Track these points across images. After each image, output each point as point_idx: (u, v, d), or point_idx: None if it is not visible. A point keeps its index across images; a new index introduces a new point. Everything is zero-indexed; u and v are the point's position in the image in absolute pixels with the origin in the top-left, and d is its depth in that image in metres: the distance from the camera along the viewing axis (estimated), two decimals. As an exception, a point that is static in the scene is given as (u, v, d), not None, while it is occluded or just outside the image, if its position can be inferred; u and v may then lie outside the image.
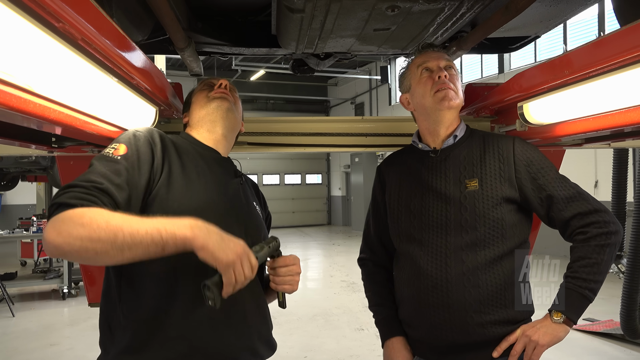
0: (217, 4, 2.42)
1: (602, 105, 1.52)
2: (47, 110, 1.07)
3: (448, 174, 1.77)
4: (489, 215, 1.66)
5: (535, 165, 1.69)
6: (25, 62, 0.92)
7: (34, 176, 10.68)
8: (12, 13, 0.81)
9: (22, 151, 2.07)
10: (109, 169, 1.33)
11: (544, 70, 1.62)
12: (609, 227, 1.58)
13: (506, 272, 1.66)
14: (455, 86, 1.79)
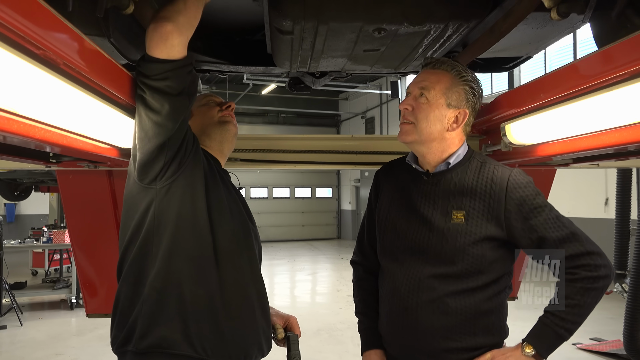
0: (215, 24, 2.49)
1: (580, 127, 1.56)
2: (44, 133, 1.16)
3: (437, 201, 1.73)
4: (469, 252, 1.64)
5: (528, 204, 1.61)
6: (19, 91, 0.98)
7: (47, 187, 10.83)
8: None
9: (22, 165, 2.15)
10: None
11: (521, 93, 1.67)
12: (599, 271, 1.54)
13: (477, 302, 1.65)
14: (417, 117, 1.70)
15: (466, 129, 1.77)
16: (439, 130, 1.70)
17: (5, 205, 17.77)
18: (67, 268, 10.39)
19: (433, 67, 1.76)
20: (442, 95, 1.69)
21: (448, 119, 1.70)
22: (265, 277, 1.78)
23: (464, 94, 1.70)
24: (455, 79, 1.71)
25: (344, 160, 2.35)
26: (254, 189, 22.42)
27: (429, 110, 1.69)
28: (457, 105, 1.70)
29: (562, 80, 1.45)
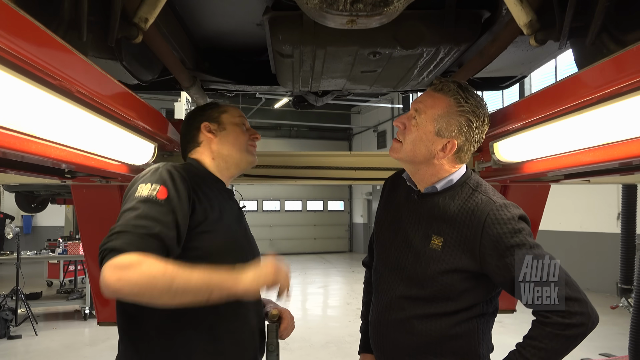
0: (222, 46, 2.63)
1: (562, 145, 1.65)
2: (59, 152, 1.30)
3: (421, 222, 1.70)
4: (438, 279, 1.61)
5: (504, 242, 1.51)
6: (38, 116, 1.11)
7: (63, 199, 11.04)
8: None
9: (40, 180, 2.28)
10: (156, 212, 1.40)
11: (507, 113, 1.76)
12: (572, 318, 1.44)
13: (444, 327, 1.62)
14: (405, 138, 1.68)
15: (462, 157, 1.68)
16: (424, 155, 1.65)
17: (22, 216, 18.08)
18: (81, 279, 10.56)
19: (435, 89, 1.66)
20: (432, 122, 1.62)
21: (435, 146, 1.63)
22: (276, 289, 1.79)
23: (457, 125, 1.60)
24: (452, 107, 1.60)
25: (345, 176, 2.44)
26: (266, 201, 22.55)
27: (416, 133, 1.65)
28: (446, 135, 1.61)
29: (541, 103, 1.54)
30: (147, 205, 1.41)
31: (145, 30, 1.59)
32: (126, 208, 1.42)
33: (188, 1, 2.04)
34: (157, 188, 1.45)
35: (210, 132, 1.80)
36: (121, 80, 2.40)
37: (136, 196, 1.44)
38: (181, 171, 1.58)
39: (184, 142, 1.86)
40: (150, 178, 1.50)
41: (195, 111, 1.87)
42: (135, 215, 1.38)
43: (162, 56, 2.06)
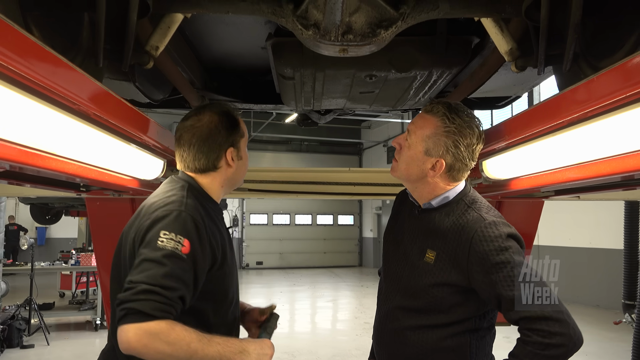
0: (229, 67, 2.78)
1: (546, 163, 1.75)
2: (76, 168, 1.44)
3: (419, 237, 1.76)
4: (429, 292, 1.66)
5: (490, 259, 1.54)
6: (57, 136, 1.25)
7: (77, 211, 11.25)
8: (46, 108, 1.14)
9: (57, 193, 2.43)
10: (180, 270, 1.40)
11: (492, 133, 1.87)
12: (552, 338, 1.44)
13: (435, 339, 1.67)
14: (400, 158, 1.77)
15: (455, 176, 1.72)
16: (417, 174, 1.72)
17: (36, 228, 18.37)
18: (93, 290, 10.72)
19: (425, 111, 1.73)
20: (421, 142, 1.68)
21: (425, 165, 1.69)
22: (285, 302, 1.81)
23: (444, 145, 1.65)
24: (439, 128, 1.66)
25: (344, 191, 2.56)
26: (276, 215, 22.67)
27: (408, 153, 1.72)
28: (434, 154, 1.67)
29: (521, 124, 1.66)
30: (172, 261, 1.39)
31: (156, 57, 1.73)
32: (151, 259, 1.39)
33: (197, 27, 2.19)
34: (181, 241, 1.42)
35: (232, 160, 1.70)
36: (133, 99, 2.57)
37: (159, 246, 1.40)
38: (202, 217, 1.54)
39: (199, 158, 1.67)
40: (174, 226, 1.45)
41: (221, 128, 1.67)
42: (163, 274, 1.37)
43: (172, 78, 2.21)
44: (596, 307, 10.90)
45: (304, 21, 1.50)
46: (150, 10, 1.48)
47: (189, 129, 1.65)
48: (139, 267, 1.39)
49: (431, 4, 1.56)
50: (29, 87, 1.07)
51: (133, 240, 1.50)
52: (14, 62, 0.96)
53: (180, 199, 1.54)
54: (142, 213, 1.55)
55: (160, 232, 1.42)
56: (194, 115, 1.68)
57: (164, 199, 1.55)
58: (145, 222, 1.48)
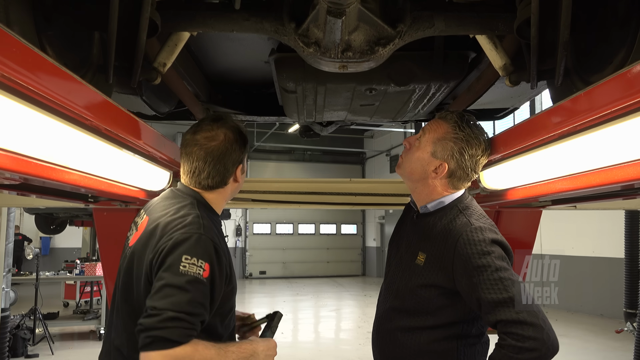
0: (233, 80, 2.86)
1: (540, 174, 1.81)
2: (86, 180, 1.49)
3: (413, 240, 1.84)
4: (417, 292, 1.72)
5: (472, 262, 1.59)
6: (69, 150, 1.31)
7: (81, 221, 11.31)
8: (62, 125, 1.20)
9: (63, 204, 2.49)
10: (201, 295, 1.44)
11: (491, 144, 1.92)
12: (525, 342, 1.47)
13: (422, 342, 1.72)
14: (406, 156, 1.85)
15: (455, 184, 1.79)
16: (419, 173, 1.80)
17: (40, 238, 18.45)
18: (96, 300, 10.77)
19: (439, 117, 1.82)
20: (430, 143, 1.76)
21: (429, 166, 1.77)
22: (289, 312, 1.90)
23: (450, 150, 1.73)
24: (449, 133, 1.74)
25: (345, 201, 2.61)
26: (279, 224, 22.71)
27: (416, 151, 1.80)
28: (439, 157, 1.75)
29: (515, 137, 1.72)
30: (194, 286, 1.42)
31: (164, 73, 1.80)
32: (174, 284, 1.41)
33: (202, 42, 2.27)
34: (202, 265, 1.45)
35: (239, 176, 1.73)
36: (140, 112, 2.64)
37: (182, 271, 1.42)
38: (218, 237, 1.58)
39: (213, 176, 1.67)
40: (195, 251, 1.46)
41: (236, 147, 1.68)
42: (187, 301, 1.40)
43: (178, 91, 2.28)
44: (600, 316, 10.89)
45: (306, 39, 1.57)
46: (159, 30, 1.55)
47: (203, 146, 1.63)
48: (161, 291, 1.40)
49: (427, 22, 1.63)
50: (45, 104, 1.14)
51: (151, 262, 1.50)
52: (30, 81, 1.03)
53: (197, 219, 1.54)
54: (158, 233, 1.54)
55: (182, 256, 1.44)
56: (207, 130, 1.65)
57: (180, 219, 1.55)
58: (164, 245, 1.48)
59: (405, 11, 1.61)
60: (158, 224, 1.56)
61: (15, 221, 7.67)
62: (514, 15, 1.61)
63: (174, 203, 1.64)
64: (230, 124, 1.69)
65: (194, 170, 1.66)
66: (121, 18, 1.45)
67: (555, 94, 1.90)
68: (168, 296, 1.39)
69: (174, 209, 1.61)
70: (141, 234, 1.61)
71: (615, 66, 1.59)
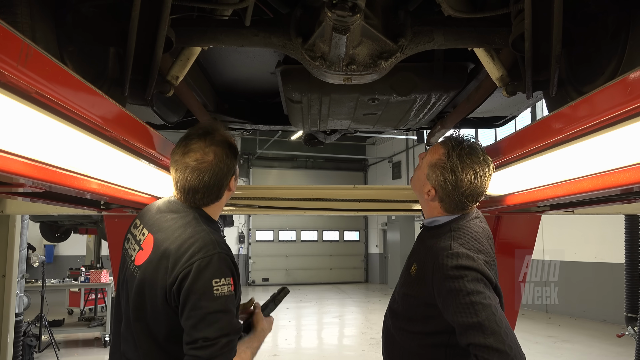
0: (240, 90, 2.94)
1: (537, 180, 1.88)
2: (101, 187, 1.56)
3: (414, 250, 1.95)
4: (406, 300, 1.83)
5: (446, 286, 1.63)
6: (91, 160, 1.40)
7: (85, 229, 11.40)
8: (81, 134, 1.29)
9: (77, 211, 2.57)
10: (234, 306, 1.57)
11: (487, 152, 2.00)
12: None
13: (413, 345, 1.80)
14: (414, 172, 1.95)
15: (446, 208, 1.82)
16: (419, 192, 1.91)
17: (45, 246, 18.53)
18: (101, 307, 10.83)
19: (441, 141, 1.85)
20: (426, 167, 1.83)
21: (424, 188, 1.84)
22: (292, 319, 2.01)
23: (436, 177, 1.78)
24: (441, 159, 1.77)
25: (350, 207, 2.69)
26: (282, 232, 22.77)
27: (418, 172, 1.91)
28: (431, 182, 1.81)
29: (512, 145, 1.80)
30: (230, 302, 1.52)
31: (176, 85, 1.88)
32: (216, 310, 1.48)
33: (211, 55, 2.35)
34: (229, 282, 1.52)
35: (232, 185, 1.75)
36: (149, 121, 2.73)
37: (217, 295, 1.49)
38: (227, 247, 1.63)
39: (207, 196, 1.68)
40: (221, 271, 1.52)
41: (227, 162, 1.67)
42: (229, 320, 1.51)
43: (187, 102, 2.37)
44: (603, 322, 10.90)
45: (312, 53, 1.66)
46: (173, 46, 1.63)
47: (195, 169, 1.61)
48: (205, 320, 1.47)
49: (427, 37, 1.72)
50: (70, 116, 1.22)
51: (171, 286, 1.52)
52: (62, 98, 1.12)
53: (208, 237, 1.57)
54: (171, 258, 1.54)
55: (212, 281, 1.49)
56: (196, 151, 1.62)
57: (191, 240, 1.56)
58: (185, 270, 1.50)
59: (406, 26, 1.70)
60: (168, 248, 1.57)
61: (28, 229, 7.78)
62: (509, 29, 1.69)
63: (175, 219, 1.64)
64: (218, 138, 1.65)
65: (188, 192, 1.65)
66: (137, 35, 1.54)
67: (551, 103, 1.98)
68: (214, 323, 1.47)
69: (179, 227, 1.61)
70: (149, 257, 1.61)
71: (607, 76, 1.68)
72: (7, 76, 0.93)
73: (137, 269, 1.64)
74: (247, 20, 1.62)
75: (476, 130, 15.90)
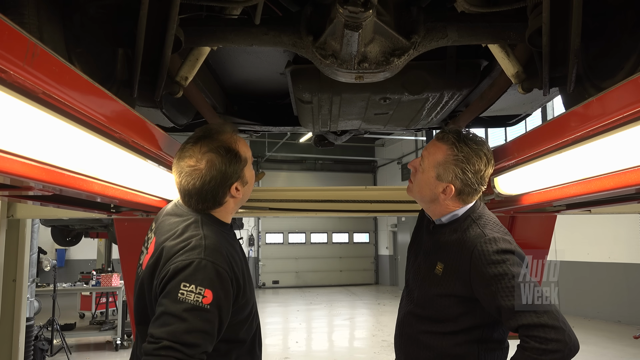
0: (249, 92, 2.92)
1: (554, 179, 1.84)
2: (111, 190, 1.55)
3: (431, 251, 1.90)
4: (436, 301, 1.79)
5: (489, 272, 1.65)
6: (95, 159, 1.37)
7: (96, 233, 11.45)
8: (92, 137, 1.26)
9: (87, 214, 2.56)
10: (202, 322, 1.41)
11: (501, 151, 1.96)
12: (548, 344, 1.53)
13: (445, 345, 1.78)
14: (414, 181, 1.92)
15: (465, 199, 1.83)
16: (429, 196, 1.86)
17: (56, 250, 18.65)
18: (112, 311, 10.86)
19: (437, 139, 1.86)
20: (432, 168, 1.82)
21: (437, 189, 1.82)
22: (302, 321, 1.90)
23: (452, 172, 1.78)
24: (449, 156, 1.78)
25: (361, 208, 2.65)
26: (292, 234, 22.75)
27: (421, 177, 1.87)
28: (444, 180, 1.80)
29: (529, 142, 1.75)
30: (193, 315, 1.39)
31: (185, 86, 1.86)
32: (172, 313, 1.39)
33: (220, 56, 2.33)
34: (202, 292, 1.41)
35: (237, 191, 1.66)
36: (159, 124, 2.71)
37: (179, 299, 1.40)
38: (224, 250, 1.54)
39: (202, 202, 1.63)
40: (194, 278, 1.43)
41: (222, 169, 1.60)
42: (184, 330, 1.38)
43: (196, 104, 2.35)
44: (617, 323, 10.76)
45: (323, 52, 1.62)
46: (182, 46, 1.61)
47: (187, 175, 1.58)
48: (160, 319, 1.41)
49: (440, 33, 1.68)
50: (78, 117, 1.20)
51: (156, 287, 1.51)
52: (69, 98, 1.09)
53: (200, 242, 1.50)
54: (163, 257, 1.52)
55: (180, 284, 1.42)
56: (189, 157, 1.59)
57: (183, 243, 1.51)
58: (166, 270, 1.47)
59: (419, 23, 1.66)
60: (163, 248, 1.54)
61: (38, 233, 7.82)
62: (525, 24, 1.65)
63: (179, 222, 1.61)
64: (215, 144, 1.60)
65: (184, 197, 1.64)
66: (145, 35, 1.51)
67: (568, 100, 1.93)
68: (165, 324, 1.38)
69: (180, 228, 1.58)
70: (149, 259, 1.59)
71: (626, 72, 1.63)
72: (13, 76, 0.91)
73: (140, 274, 1.63)
74: (257, 18, 1.59)
75: (486, 130, 15.82)
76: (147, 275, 1.56)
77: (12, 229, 2.86)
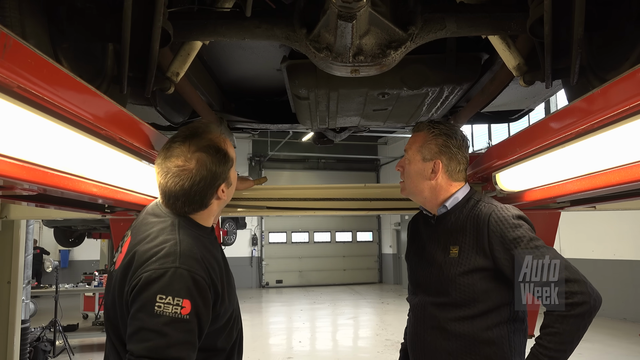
0: (246, 89, 2.87)
1: (556, 175, 1.78)
2: (102, 190, 1.50)
3: (440, 240, 1.91)
4: (459, 281, 1.79)
5: (507, 236, 1.71)
6: (85, 159, 1.33)
7: (99, 233, 11.44)
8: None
9: (81, 215, 2.52)
10: (182, 334, 1.34)
11: (503, 147, 1.91)
12: (574, 297, 1.57)
13: (475, 330, 1.77)
14: (405, 177, 1.99)
15: (454, 176, 1.91)
16: (421, 181, 1.92)
17: (59, 251, 18.66)
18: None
19: (414, 131, 1.99)
20: (417, 153, 1.91)
21: (426, 171, 1.90)
22: (306, 320, 1.84)
23: (436, 147, 1.88)
24: (428, 136, 1.90)
25: (361, 206, 2.60)
26: (295, 233, 22.70)
27: (410, 168, 1.95)
28: (430, 158, 1.89)
29: (529, 138, 1.70)
30: (172, 327, 1.33)
31: (177, 82, 1.81)
32: (150, 328, 1.32)
33: (215, 52, 2.28)
34: (180, 303, 1.35)
35: (223, 193, 1.60)
36: (155, 122, 2.66)
37: (157, 312, 1.33)
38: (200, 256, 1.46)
39: (188, 205, 1.55)
40: (170, 289, 1.36)
41: (212, 170, 1.54)
42: (165, 345, 1.32)
43: (191, 101, 2.30)
44: (623, 320, 10.68)
45: (317, 44, 1.57)
46: (171, 40, 1.56)
47: (175, 175, 1.50)
48: (138, 334, 1.33)
49: (438, 24, 1.63)
50: (63, 115, 1.15)
51: (127, 293, 1.41)
52: (48, 93, 1.04)
53: (174, 248, 1.42)
54: (135, 262, 1.43)
55: (156, 296, 1.34)
56: (178, 156, 1.51)
57: (156, 248, 1.43)
58: (137, 278, 1.39)
59: (416, 13, 1.61)
60: (135, 252, 1.45)
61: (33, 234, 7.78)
62: (527, 14, 1.59)
63: (154, 223, 1.53)
64: (204, 143, 1.54)
65: (169, 198, 1.54)
66: (134, 29, 1.46)
67: (571, 92, 1.88)
68: (144, 340, 1.32)
69: (154, 231, 1.49)
70: (122, 260, 1.50)
71: (631, 63, 1.57)
72: (-17, 68, 0.86)
73: (116, 272, 1.52)
74: (248, 10, 1.54)
75: (489, 127, 15.69)
76: (119, 278, 1.47)
77: (6, 230, 2.82)
